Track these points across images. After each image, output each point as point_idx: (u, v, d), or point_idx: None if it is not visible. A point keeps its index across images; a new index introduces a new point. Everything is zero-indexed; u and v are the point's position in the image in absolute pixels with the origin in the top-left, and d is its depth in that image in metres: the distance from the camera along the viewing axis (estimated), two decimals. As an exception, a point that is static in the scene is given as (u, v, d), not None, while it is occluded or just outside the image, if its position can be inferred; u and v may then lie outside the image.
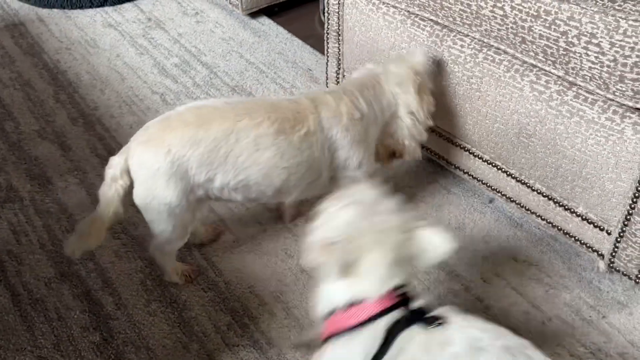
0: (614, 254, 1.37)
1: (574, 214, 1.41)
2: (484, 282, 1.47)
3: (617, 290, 1.44)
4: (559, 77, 1.32)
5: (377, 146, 1.49)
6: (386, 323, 1.01)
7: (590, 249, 1.43)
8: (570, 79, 1.29)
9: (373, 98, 1.43)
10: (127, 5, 2.64)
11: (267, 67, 2.23)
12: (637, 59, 1.14)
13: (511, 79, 1.38)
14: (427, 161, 1.78)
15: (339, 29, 1.80)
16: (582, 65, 1.23)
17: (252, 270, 1.50)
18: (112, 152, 1.84)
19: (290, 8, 2.61)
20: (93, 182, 1.73)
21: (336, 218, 1.05)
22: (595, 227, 1.39)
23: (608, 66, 1.19)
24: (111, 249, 1.54)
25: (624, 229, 1.31)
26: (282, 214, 1.63)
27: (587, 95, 1.27)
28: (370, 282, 1.03)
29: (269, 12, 2.56)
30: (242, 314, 1.40)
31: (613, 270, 1.40)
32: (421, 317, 1.01)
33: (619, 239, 1.34)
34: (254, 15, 2.54)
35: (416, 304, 1.04)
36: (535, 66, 1.36)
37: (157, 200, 1.28)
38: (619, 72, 1.18)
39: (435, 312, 1.02)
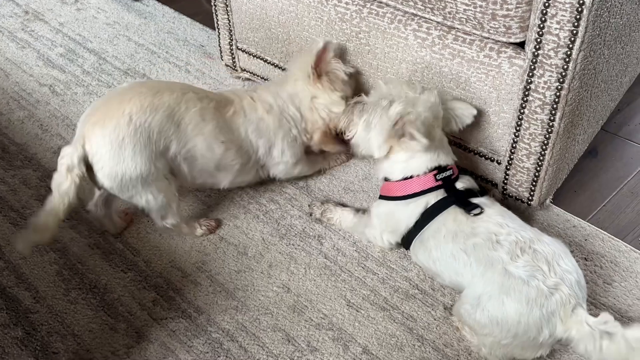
0: (505, 181, 1.49)
1: (467, 150, 1.52)
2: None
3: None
4: (438, 22, 1.41)
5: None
6: (428, 200, 1.30)
7: (484, 181, 1.54)
8: (449, 23, 1.38)
9: (279, 91, 1.54)
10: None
11: (158, 47, 2.20)
12: (505, -3, 1.24)
13: (396, 29, 1.46)
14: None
15: (226, 0, 1.81)
16: (457, 8, 1.32)
17: (170, 245, 1.51)
18: (6, 149, 1.78)
19: (173, -13, 2.58)
20: (-10, 182, 1.67)
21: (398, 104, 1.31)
22: (487, 159, 1.50)
23: (480, 6, 1.28)
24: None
25: (512, 156, 1.43)
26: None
27: (465, 36, 1.37)
28: (418, 162, 1.32)
29: (152, -7, 2.52)
30: (166, 288, 1.41)
31: (507, 197, 1.53)
32: (463, 201, 1.28)
33: (508, 167, 1.46)
34: (137, -3, 2.49)
35: (460, 186, 1.32)
36: (416, 15, 1.44)
37: (128, 174, 1.30)
38: (490, 11, 1.28)
39: (476, 200, 1.28)
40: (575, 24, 1.16)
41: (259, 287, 1.41)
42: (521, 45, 1.31)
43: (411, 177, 1.34)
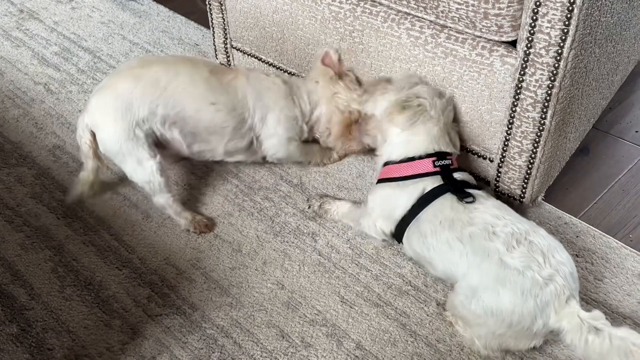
0: (498, 179, 1.50)
1: (460, 148, 1.53)
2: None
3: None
4: (431, 21, 1.42)
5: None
6: (425, 185, 1.32)
7: (477, 178, 1.55)
8: (441, 22, 1.39)
9: (298, 83, 1.62)
10: (-7, -2, 2.52)
11: (153, 46, 2.21)
12: (492, -4, 1.25)
13: (389, 28, 1.47)
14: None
15: (220, -1, 1.82)
16: (450, 7, 1.34)
17: (165, 242, 1.51)
18: (1, 147, 1.79)
19: (168, -14, 2.59)
20: (-15, 180, 1.67)
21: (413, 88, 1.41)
22: (479, 157, 1.51)
23: (472, 5, 1.30)
24: (15, 242, 1.51)
25: (504, 154, 1.45)
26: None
27: (457, 35, 1.38)
28: (419, 143, 1.36)
29: (147, -8, 2.52)
30: (161, 285, 1.42)
31: (499, 194, 1.54)
32: (457, 189, 1.30)
33: (500, 165, 1.47)
34: (131, -4, 2.50)
35: (458, 176, 1.34)
36: (409, 14, 1.45)
37: (111, 139, 1.43)
38: (482, 10, 1.29)
39: (470, 190, 1.30)
40: (566, 22, 1.17)
41: (253, 283, 1.41)
42: (513, 43, 1.32)
43: (412, 158, 1.36)
